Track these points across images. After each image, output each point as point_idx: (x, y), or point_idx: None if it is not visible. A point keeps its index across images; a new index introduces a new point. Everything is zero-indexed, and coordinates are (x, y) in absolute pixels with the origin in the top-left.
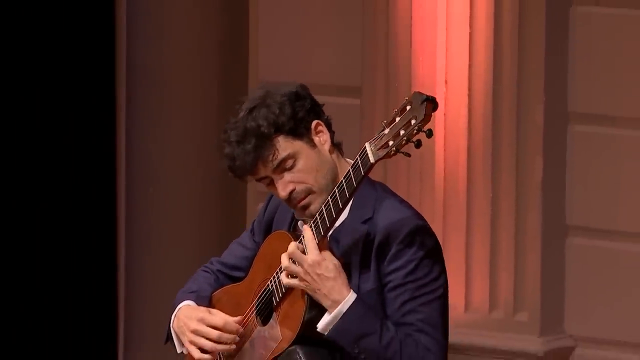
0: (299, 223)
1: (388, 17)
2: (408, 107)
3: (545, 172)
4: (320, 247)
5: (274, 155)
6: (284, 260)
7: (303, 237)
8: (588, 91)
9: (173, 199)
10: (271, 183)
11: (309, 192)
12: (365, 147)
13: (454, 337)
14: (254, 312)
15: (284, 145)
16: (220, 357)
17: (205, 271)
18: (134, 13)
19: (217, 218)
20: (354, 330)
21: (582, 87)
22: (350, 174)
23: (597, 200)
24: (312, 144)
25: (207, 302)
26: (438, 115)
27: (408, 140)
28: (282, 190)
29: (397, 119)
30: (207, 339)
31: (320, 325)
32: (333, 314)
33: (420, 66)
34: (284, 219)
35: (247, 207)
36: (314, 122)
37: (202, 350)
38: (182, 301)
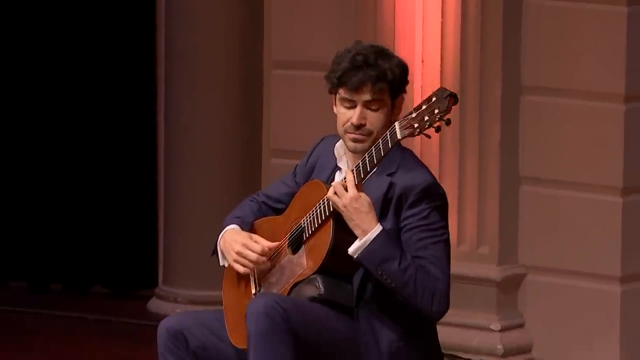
0: (340, 171)
1: (376, 8)
2: (434, 99)
3: (503, 134)
4: (358, 188)
5: (376, 92)
6: (330, 192)
7: (345, 178)
8: (537, 68)
9: (203, 143)
10: (351, 107)
11: (370, 134)
12: (394, 125)
13: None
14: (287, 243)
15: (385, 94)
16: (254, 275)
17: (252, 201)
18: (171, 1)
19: (238, 160)
20: (378, 255)
21: (532, 65)
22: (380, 143)
23: (544, 156)
24: (393, 108)
25: (249, 227)
26: (416, 87)
27: (430, 125)
28: (356, 119)
29: (424, 106)
30: (248, 260)
31: (351, 249)
32: (362, 240)
33: (402, 48)
34: (324, 168)
35: (262, 157)
36: (402, 96)
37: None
38: (229, 224)
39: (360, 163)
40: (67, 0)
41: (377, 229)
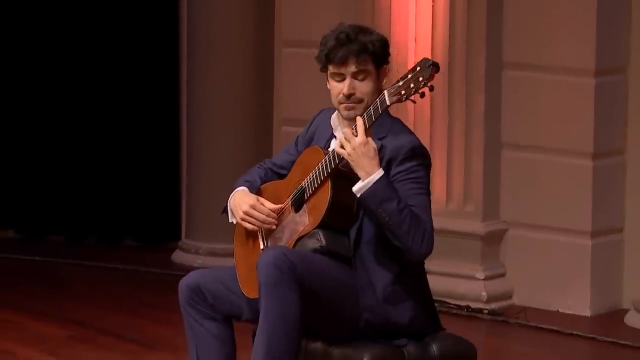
0: (335, 139)
1: None
2: (418, 68)
3: (486, 105)
4: (367, 134)
5: (360, 63)
6: (340, 137)
7: (356, 125)
8: (517, 46)
9: (222, 113)
10: (341, 80)
11: (360, 101)
12: (384, 92)
13: None
14: (290, 203)
15: (369, 64)
16: (262, 232)
17: (259, 167)
18: None
19: (252, 128)
20: (379, 195)
21: (513, 44)
22: (371, 109)
23: (523, 124)
24: (378, 77)
25: (257, 190)
26: (409, 63)
27: (415, 91)
28: (347, 89)
29: (409, 75)
30: (255, 219)
31: (355, 188)
32: (366, 181)
33: (396, 29)
34: (322, 137)
35: (273, 125)
36: (386, 65)
37: (250, 226)
38: (239, 186)
39: (366, 116)
40: None
41: (380, 172)
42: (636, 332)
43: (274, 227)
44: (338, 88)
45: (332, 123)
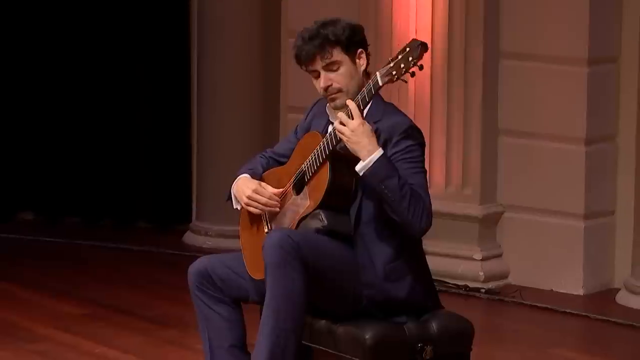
0: (331, 125)
1: None
2: (407, 49)
3: (484, 93)
4: (358, 120)
5: (328, 56)
6: (336, 123)
7: (350, 109)
8: (514, 36)
9: (230, 101)
10: (318, 77)
11: (339, 90)
12: (376, 74)
13: None
14: (291, 186)
15: (337, 54)
16: (266, 216)
17: (261, 157)
18: None
19: (260, 115)
20: (381, 172)
21: (510, 34)
22: (364, 89)
23: (519, 111)
24: (354, 62)
25: (259, 177)
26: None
27: (406, 71)
28: (323, 83)
29: (399, 56)
30: (258, 202)
31: (358, 167)
32: (368, 159)
33: (398, 21)
34: (319, 124)
35: (280, 112)
36: (359, 50)
37: (255, 210)
38: (241, 174)
39: (360, 98)
40: None
41: (380, 151)
42: (627, 310)
43: (277, 209)
44: (318, 84)
45: (328, 111)
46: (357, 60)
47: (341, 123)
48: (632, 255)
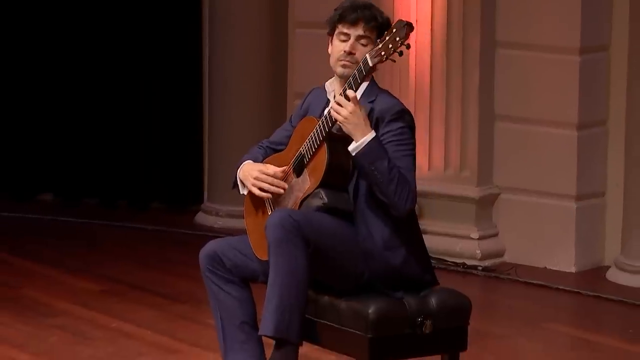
0: (326, 110)
1: None
2: (394, 30)
3: (481, 80)
4: (354, 102)
5: (367, 29)
6: (334, 103)
7: (347, 94)
8: (509, 27)
9: (241, 88)
10: (345, 40)
11: (356, 62)
12: (366, 56)
13: (420, 186)
14: (291, 169)
15: (371, 33)
16: (269, 202)
17: (259, 147)
18: None
19: (268, 100)
20: (372, 154)
21: (505, 24)
22: (355, 71)
23: (514, 98)
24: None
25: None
26: (411, 42)
27: (394, 51)
28: (350, 48)
29: (387, 37)
30: (264, 182)
31: (351, 147)
32: (360, 141)
33: (400, 11)
34: (316, 109)
35: (287, 96)
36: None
37: (261, 190)
38: (244, 162)
39: (347, 85)
40: None
41: (372, 133)
42: (617, 286)
43: (282, 191)
44: (341, 47)
45: (327, 88)
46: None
47: (338, 108)
48: (621, 234)
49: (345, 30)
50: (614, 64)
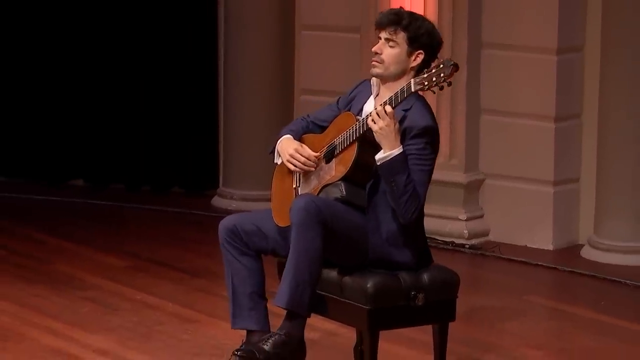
0: (366, 106)
1: None
2: (441, 66)
3: (468, 77)
4: (391, 116)
5: (392, 33)
6: (373, 115)
7: (386, 109)
8: (493, 29)
9: (252, 85)
10: (377, 40)
11: (382, 62)
12: (411, 81)
13: None
14: (323, 155)
15: (399, 38)
16: (297, 175)
17: (302, 120)
18: None
19: (277, 96)
20: (395, 168)
21: (489, 27)
22: (399, 91)
23: (498, 94)
24: (407, 54)
25: (299, 138)
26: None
27: (436, 84)
28: (377, 48)
29: (434, 70)
30: (297, 160)
31: (377, 156)
32: (387, 153)
33: None
34: (360, 101)
35: (294, 93)
36: (419, 51)
37: (293, 167)
38: (285, 134)
39: (388, 100)
40: None
41: (400, 148)
42: (590, 263)
43: (313, 169)
44: (373, 46)
45: (371, 83)
46: (412, 56)
47: (376, 118)
48: (594, 216)
49: (377, 34)
50: (587, 63)
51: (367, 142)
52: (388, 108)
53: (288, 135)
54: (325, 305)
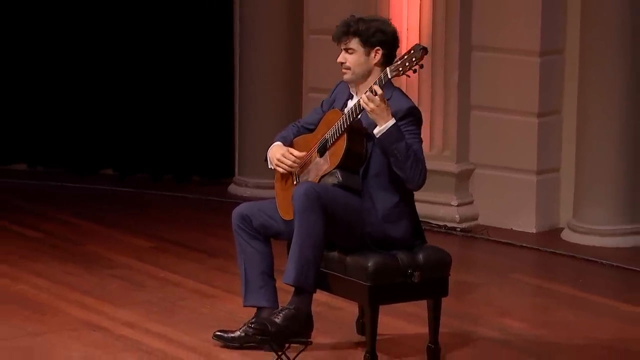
0: (351, 99)
1: None
2: (412, 51)
3: (459, 77)
4: (380, 97)
5: (346, 41)
6: (364, 96)
7: (375, 89)
8: (482, 33)
9: (264, 82)
10: (341, 52)
11: (348, 69)
12: (386, 69)
13: None
14: (316, 150)
15: (354, 43)
16: (295, 174)
17: (293, 126)
18: None
19: (287, 94)
20: (393, 136)
21: (479, 31)
22: (377, 80)
23: (486, 92)
24: (366, 54)
25: (290, 143)
26: (403, 47)
27: (409, 69)
28: (340, 59)
29: (405, 56)
30: (284, 164)
31: (375, 130)
32: (384, 126)
33: (394, 21)
34: (340, 101)
35: (302, 91)
36: (377, 47)
37: (282, 170)
38: (276, 141)
39: (373, 85)
40: None
41: (393, 120)
42: (569, 244)
43: (299, 169)
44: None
45: (349, 86)
46: (371, 54)
47: (369, 98)
48: (573, 202)
49: (338, 45)
50: (567, 64)
51: (355, 131)
52: (378, 89)
53: (277, 143)
54: (330, 282)
